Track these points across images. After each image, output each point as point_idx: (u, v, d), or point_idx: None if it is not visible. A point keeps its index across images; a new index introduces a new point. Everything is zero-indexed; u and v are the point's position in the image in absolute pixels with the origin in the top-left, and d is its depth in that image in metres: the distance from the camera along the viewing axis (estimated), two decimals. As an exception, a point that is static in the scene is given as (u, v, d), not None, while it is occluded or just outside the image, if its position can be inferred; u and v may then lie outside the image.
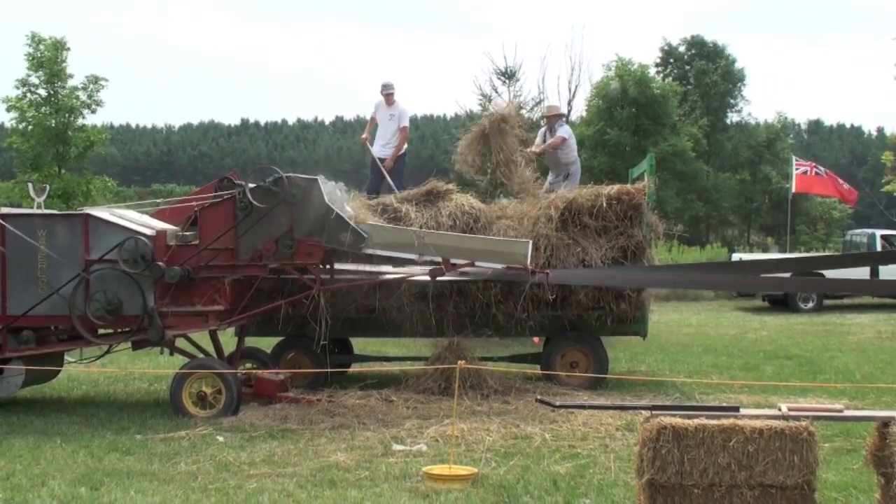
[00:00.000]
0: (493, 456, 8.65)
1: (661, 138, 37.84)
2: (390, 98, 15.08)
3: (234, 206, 10.76)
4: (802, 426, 6.05)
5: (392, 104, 15.06)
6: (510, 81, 29.12)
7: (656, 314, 19.65)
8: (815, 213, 42.93)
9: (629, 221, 12.61)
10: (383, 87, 15.16)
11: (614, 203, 12.53)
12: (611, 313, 12.60)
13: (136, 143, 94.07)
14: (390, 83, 15.17)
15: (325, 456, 8.71)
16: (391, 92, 15.09)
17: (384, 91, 15.12)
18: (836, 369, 14.27)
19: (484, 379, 11.81)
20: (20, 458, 8.83)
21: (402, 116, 15.03)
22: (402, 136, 14.96)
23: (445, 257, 11.03)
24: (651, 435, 6.07)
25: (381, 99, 15.18)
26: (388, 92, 15.09)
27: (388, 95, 15.09)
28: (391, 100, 15.08)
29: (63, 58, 27.42)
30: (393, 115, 15.03)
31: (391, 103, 15.07)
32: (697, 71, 45.65)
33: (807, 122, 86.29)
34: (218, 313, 10.91)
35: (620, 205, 12.56)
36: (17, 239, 10.74)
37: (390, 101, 15.09)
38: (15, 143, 27.63)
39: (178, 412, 10.64)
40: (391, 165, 14.72)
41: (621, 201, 12.55)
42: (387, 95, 15.09)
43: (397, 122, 15.00)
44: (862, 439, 8.14)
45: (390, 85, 15.15)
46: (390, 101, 15.09)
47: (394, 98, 15.08)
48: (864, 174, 55.89)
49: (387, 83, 15.16)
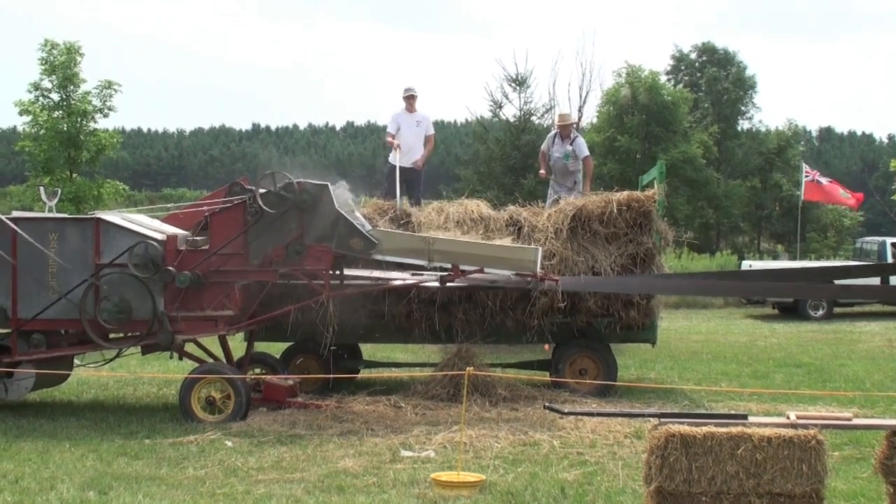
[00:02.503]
0: (502, 463, 8.64)
1: (672, 145, 37.80)
2: (412, 102, 14.90)
3: (245, 212, 10.78)
4: (811, 434, 6.03)
5: (414, 111, 14.93)
6: (521, 88, 29.02)
7: (666, 321, 19.64)
8: (825, 220, 42.81)
9: (639, 228, 12.61)
10: (406, 90, 14.93)
11: (624, 210, 12.52)
12: (620, 320, 12.59)
13: (148, 147, 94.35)
14: (413, 87, 15.01)
15: (334, 462, 8.72)
16: (414, 94, 14.92)
17: (407, 93, 14.90)
18: (847, 377, 14.23)
19: (492, 386, 11.82)
20: (29, 462, 8.85)
21: (427, 125, 14.93)
22: (430, 144, 14.89)
23: (455, 264, 11.04)
24: (659, 442, 6.07)
25: (401, 110, 15.02)
26: (410, 94, 14.89)
27: (410, 98, 14.89)
28: (413, 104, 14.91)
29: (76, 62, 27.54)
30: (420, 121, 14.89)
31: (413, 110, 14.93)
32: (708, 78, 45.61)
33: (818, 130, 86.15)
34: (227, 318, 10.93)
35: (630, 212, 12.55)
36: (28, 242, 10.78)
37: (412, 106, 14.90)
38: (27, 146, 27.74)
39: (187, 417, 10.66)
40: (422, 166, 14.62)
41: (631, 208, 12.55)
42: (409, 98, 14.89)
43: (424, 129, 14.90)
44: (871, 448, 8.12)
45: (413, 88, 14.98)
46: (412, 107, 14.92)
47: (415, 105, 14.96)
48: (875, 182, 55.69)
49: (410, 87, 14.97)
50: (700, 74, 46.73)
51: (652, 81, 38.48)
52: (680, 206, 36.45)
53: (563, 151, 14.76)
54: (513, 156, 26.73)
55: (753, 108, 46.90)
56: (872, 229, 45.54)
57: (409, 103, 14.96)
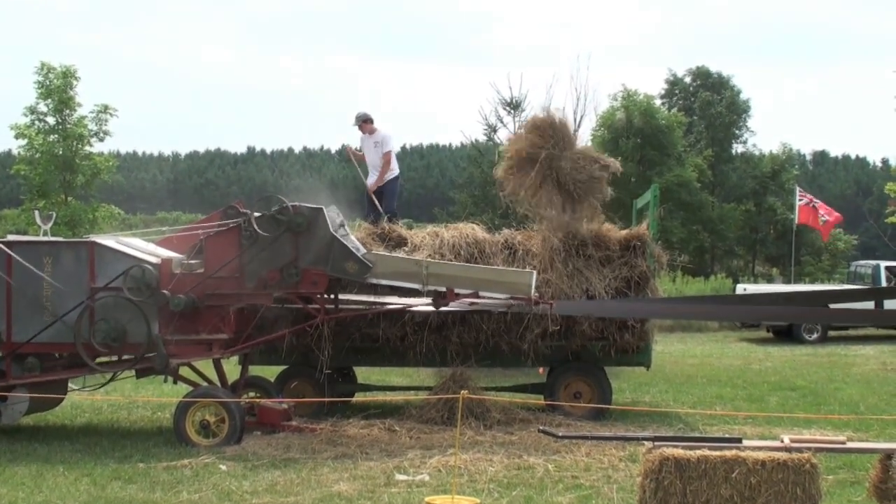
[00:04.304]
0: (496, 486, 8.63)
1: (667, 169, 37.87)
2: (365, 127, 15.00)
3: (240, 235, 10.80)
4: (805, 458, 6.05)
5: (373, 132, 15.02)
6: (516, 112, 29.13)
7: (660, 345, 19.64)
8: (819, 244, 42.84)
9: (633, 252, 12.65)
10: (356, 118, 15.01)
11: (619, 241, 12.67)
12: (614, 344, 12.60)
13: (143, 170, 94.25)
14: (362, 113, 15.00)
15: (328, 485, 8.70)
16: (365, 121, 14.98)
17: (356, 122, 15.02)
18: (841, 401, 14.24)
19: (487, 409, 11.81)
20: (23, 486, 8.82)
21: (384, 142, 15.01)
22: (384, 160, 14.97)
23: (449, 287, 11.05)
24: (653, 466, 6.08)
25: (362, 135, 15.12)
26: (359, 123, 14.99)
27: (362, 126, 15.03)
28: (367, 128, 14.99)
29: (72, 86, 27.62)
30: (377, 142, 14.98)
31: (370, 132, 15.00)
32: (702, 102, 45.73)
33: (812, 153, 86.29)
34: (222, 342, 10.92)
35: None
36: (23, 266, 10.78)
37: (366, 129, 14.98)
38: (22, 170, 27.78)
39: (182, 441, 10.64)
40: (374, 188, 14.72)
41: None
42: (360, 126, 15.07)
43: (381, 148, 15.01)
44: (865, 471, 8.13)
45: (362, 115, 14.97)
46: (367, 130, 15.00)
47: (372, 126, 15.04)
48: (869, 205, 55.81)
49: (359, 114, 14.99)
50: (694, 98, 46.85)
51: (647, 105, 38.58)
52: (674, 230, 36.48)
53: None
54: (508, 179, 26.74)
55: (748, 132, 47.01)
56: (867, 252, 45.58)
57: (362, 129, 15.05)
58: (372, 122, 14.92)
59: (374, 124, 14.93)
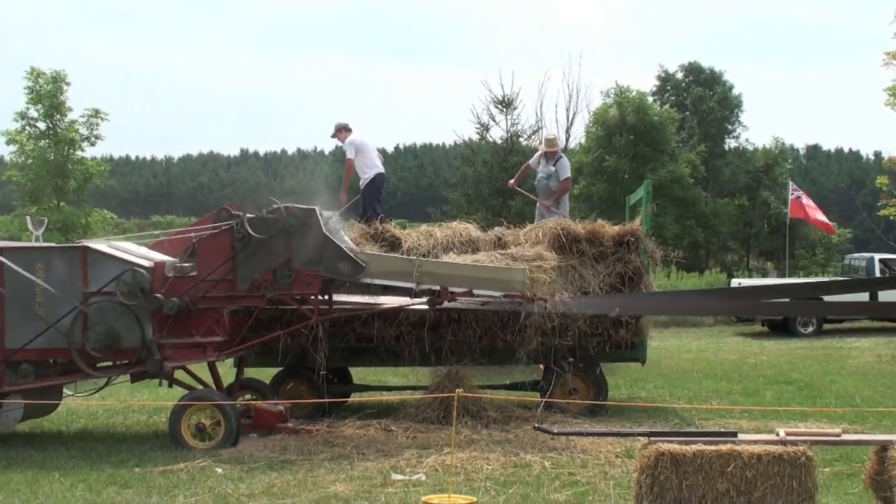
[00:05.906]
0: (493, 485, 8.62)
1: (660, 165, 37.92)
2: (339, 136, 15.34)
3: (232, 237, 10.78)
4: (801, 451, 6.05)
5: (343, 140, 15.26)
6: (507, 110, 29.15)
7: (656, 340, 19.67)
8: (813, 237, 42.91)
9: (626, 247, 12.65)
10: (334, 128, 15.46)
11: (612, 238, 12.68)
12: (610, 340, 12.61)
13: (136, 174, 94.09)
14: (337, 123, 15.46)
15: (325, 486, 8.69)
16: (339, 130, 15.36)
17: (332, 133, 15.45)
18: (836, 394, 14.26)
19: (483, 407, 11.80)
20: (18, 493, 8.80)
21: (347, 150, 15.22)
22: (346, 167, 15.20)
23: (443, 286, 11.04)
24: (649, 462, 6.08)
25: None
26: (335, 133, 15.41)
27: (337, 135, 15.38)
28: (340, 136, 15.31)
29: (63, 91, 27.57)
30: (346, 150, 15.29)
31: (342, 140, 15.26)
32: (695, 97, 45.78)
33: (805, 147, 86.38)
34: (216, 344, 10.90)
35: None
36: (15, 272, 10.74)
37: (340, 138, 15.31)
38: (14, 176, 27.73)
39: (177, 444, 10.61)
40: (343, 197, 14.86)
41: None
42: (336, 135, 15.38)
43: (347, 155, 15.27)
44: (861, 463, 8.13)
45: (337, 125, 15.44)
46: (340, 139, 15.32)
47: (343, 134, 15.26)
48: (862, 198, 55.85)
49: (337, 125, 15.46)
50: (686, 94, 46.90)
51: (639, 102, 38.62)
52: (668, 226, 36.53)
53: (546, 172, 14.84)
54: (500, 177, 26.81)
55: (740, 127, 47.08)
56: (861, 245, 45.68)
57: (338, 138, 15.28)
58: (343, 131, 15.35)
59: (347, 132, 15.23)
